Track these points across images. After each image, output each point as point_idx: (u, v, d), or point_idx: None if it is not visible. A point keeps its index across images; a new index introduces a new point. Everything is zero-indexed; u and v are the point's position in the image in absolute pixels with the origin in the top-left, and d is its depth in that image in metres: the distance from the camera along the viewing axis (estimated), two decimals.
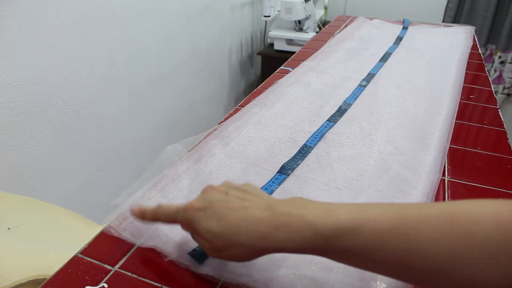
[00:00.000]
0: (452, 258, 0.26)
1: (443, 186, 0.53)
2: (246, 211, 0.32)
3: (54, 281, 0.37)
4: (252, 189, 0.35)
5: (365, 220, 0.29)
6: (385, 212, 0.29)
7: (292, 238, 0.30)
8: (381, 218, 0.29)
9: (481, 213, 0.27)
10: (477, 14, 2.11)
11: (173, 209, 0.36)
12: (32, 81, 0.94)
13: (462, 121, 0.71)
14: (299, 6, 1.88)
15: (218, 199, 0.34)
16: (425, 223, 0.28)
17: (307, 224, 0.29)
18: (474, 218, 0.27)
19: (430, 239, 0.27)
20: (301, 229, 0.29)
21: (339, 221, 0.29)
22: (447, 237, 0.27)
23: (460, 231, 0.27)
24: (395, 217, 0.28)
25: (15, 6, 0.86)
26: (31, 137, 0.97)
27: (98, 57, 1.13)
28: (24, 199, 0.69)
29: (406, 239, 0.27)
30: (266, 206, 0.32)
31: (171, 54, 1.50)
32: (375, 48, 1.07)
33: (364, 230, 0.28)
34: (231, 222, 0.32)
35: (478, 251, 0.26)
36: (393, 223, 0.28)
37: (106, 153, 1.25)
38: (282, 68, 0.93)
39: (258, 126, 0.65)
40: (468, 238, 0.26)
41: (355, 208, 0.30)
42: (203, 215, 0.33)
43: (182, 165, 0.54)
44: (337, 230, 0.29)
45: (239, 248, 0.31)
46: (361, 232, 0.28)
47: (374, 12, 2.17)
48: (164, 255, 0.40)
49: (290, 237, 0.30)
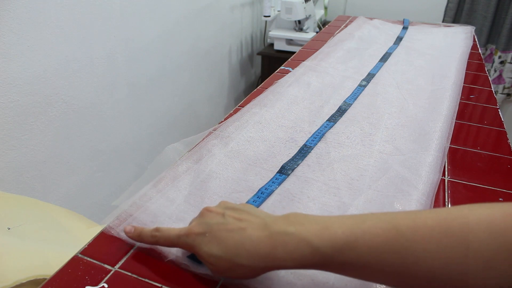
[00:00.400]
0: (448, 267, 0.27)
1: (443, 186, 0.53)
2: (244, 232, 0.33)
3: (54, 281, 0.37)
4: (248, 208, 0.36)
5: (361, 234, 0.29)
6: (379, 225, 0.30)
7: (291, 257, 0.31)
8: (376, 231, 0.29)
9: (474, 220, 0.28)
10: (477, 14, 2.11)
11: (173, 234, 0.37)
12: (32, 81, 0.94)
13: (462, 121, 0.71)
14: (299, 6, 1.88)
15: (216, 221, 0.35)
16: (419, 234, 0.28)
17: (305, 242, 0.30)
18: (468, 227, 0.27)
19: (425, 250, 0.27)
20: (299, 247, 0.30)
21: (336, 237, 0.30)
22: (442, 247, 0.27)
23: (454, 240, 0.27)
24: (390, 229, 0.29)
25: (15, 6, 0.86)
26: (31, 137, 0.97)
27: (98, 57, 1.13)
28: (24, 199, 0.69)
29: (401, 251, 0.28)
30: (263, 225, 0.33)
31: (171, 54, 1.50)
32: (375, 48, 1.07)
33: (360, 244, 0.29)
34: (230, 245, 0.33)
35: (474, 258, 0.26)
36: (388, 236, 0.29)
37: (106, 153, 1.25)
38: (282, 68, 0.93)
39: (258, 126, 0.65)
40: (463, 247, 0.27)
41: (350, 221, 0.31)
42: (203, 239, 0.34)
43: (182, 165, 0.54)
44: (334, 247, 0.29)
45: (242, 269, 0.33)
46: (356, 246, 0.29)
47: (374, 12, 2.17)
48: (163, 255, 0.40)
49: (289, 256, 0.31)
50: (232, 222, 0.34)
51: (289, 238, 0.31)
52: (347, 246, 0.29)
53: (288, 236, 0.31)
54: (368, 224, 0.30)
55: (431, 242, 0.27)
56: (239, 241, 0.32)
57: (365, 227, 0.30)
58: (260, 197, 0.48)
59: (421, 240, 0.28)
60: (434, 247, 0.27)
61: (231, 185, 0.51)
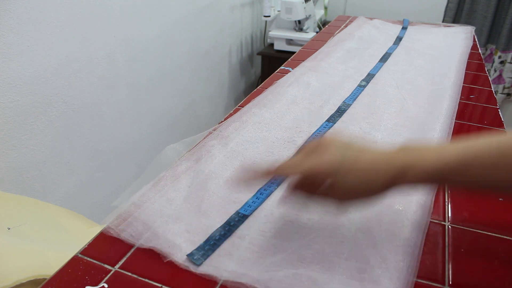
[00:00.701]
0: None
1: (443, 186, 0.53)
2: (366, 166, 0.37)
3: (54, 281, 0.37)
4: (362, 145, 0.39)
5: (472, 157, 0.34)
6: (486, 147, 0.34)
7: (413, 181, 0.36)
8: (484, 155, 0.34)
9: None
10: (477, 14, 2.11)
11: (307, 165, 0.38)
12: (32, 81, 0.94)
13: (462, 121, 0.71)
14: (299, 6, 1.88)
15: (346, 154, 0.37)
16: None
17: (423, 171, 0.35)
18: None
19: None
20: (417, 176, 0.35)
21: (450, 161, 0.34)
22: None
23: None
24: (496, 150, 0.34)
25: (15, 6, 0.86)
26: (31, 137, 0.97)
27: (98, 57, 1.13)
28: (24, 199, 0.69)
29: (508, 168, 0.33)
30: (384, 160, 0.36)
31: (170, 54, 1.50)
32: (375, 48, 1.07)
33: (472, 166, 0.34)
34: (361, 176, 0.36)
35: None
36: (497, 156, 0.33)
37: (106, 153, 1.25)
38: (282, 68, 0.93)
39: (257, 126, 0.65)
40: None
41: (461, 146, 0.35)
42: (341, 168, 0.36)
43: (181, 165, 0.54)
44: (450, 170, 0.34)
45: (367, 194, 0.37)
46: (469, 168, 0.34)
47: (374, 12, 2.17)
48: (163, 255, 0.40)
49: (407, 183, 0.36)
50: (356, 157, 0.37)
51: (408, 169, 0.35)
52: (461, 169, 0.34)
53: (407, 168, 0.35)
54: (476, 147, 0.34)
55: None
56: (366, 175, 0.36)
57: (476, 149, 0.34)
58: (259, 198, 0.48)
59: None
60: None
61: (231, 186, 0.51)
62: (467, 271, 0.40)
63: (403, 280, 0.37)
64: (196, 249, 0.40)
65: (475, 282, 0.39)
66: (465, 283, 0.38)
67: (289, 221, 0.45)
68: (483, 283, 0.39)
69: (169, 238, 0.42)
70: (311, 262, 0.39)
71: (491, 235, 0.45)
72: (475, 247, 0.43)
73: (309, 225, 0.44)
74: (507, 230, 0.46)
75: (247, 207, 0.47)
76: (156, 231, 0.42)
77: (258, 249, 0.41)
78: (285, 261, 0.39)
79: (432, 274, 0.39)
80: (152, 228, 0.43)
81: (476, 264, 0.41)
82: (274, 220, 0.45)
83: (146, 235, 0.42)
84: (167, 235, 0.42)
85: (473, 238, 0.44)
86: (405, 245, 0.41)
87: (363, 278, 0.38)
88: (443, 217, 0.48)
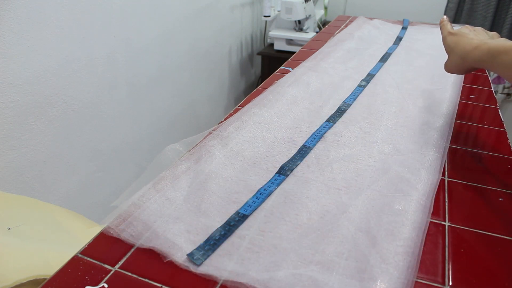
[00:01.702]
0: None
1: (443, 186, 0.53)
2: (470, 40, 0.57)
3: (54, 281, 0.37)
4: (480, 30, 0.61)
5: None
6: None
7: (476, 56, 0.55)
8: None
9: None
10: (477, 14, 2.11)
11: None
12: (32, 81, 0.94)
13: (462, 121, 0.71)
14: (299, 6, 1.88)
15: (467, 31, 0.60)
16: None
17: (486, 48, 0.53)
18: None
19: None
20: (481, 53, 0.53)
21: (501, 46, 0.50)
22: None
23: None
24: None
25: (15, 6, 0.86)
26: (31, 137, 0.97)
27: (98, 57, 1.13)
28: (24, 199, 0.69)
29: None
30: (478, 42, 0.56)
31: (170, 54, 1.50)
32: (375, 48, 1.07)
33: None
34: (461, 42, 0.59)
35: None
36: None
37: (106, 153, 1.25)
38: (282, 68, 0.93)
39: (257, 126, 0.65)
40: None
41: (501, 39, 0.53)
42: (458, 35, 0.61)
43: (181, 165, 0.54)
44: (500, 52, 0.50)
45: (455, 56, 0.60)
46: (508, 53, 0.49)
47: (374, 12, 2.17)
48: (163, 255, 0.40)
49: (478, 57, 0.54)
50: (470, 34, 0.60)
51: (482, 45, 0.54)
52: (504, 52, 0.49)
53: (482, 44, 0.54)
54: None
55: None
56: (466, 42, 0.58)
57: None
58: (259, 198, 0.48)
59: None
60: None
61: (230, 186, 0.51)
62: (467, 271, 0.40)
63: (403, 280, 0.37)
64: (196, 249, 0.40)
65: (475, 282, 0.39)
66: (465, 283, 0.39)
67: (289, 221, 0.45)
68: (483, 283, 0.39)
69: (169, 238, 0.42)
70: (311, 262, 0.39)
71: (491, 235, 0.45)
72: (475, 247, 0.43)
73: (309, 225, 0.44)
74: (507, 230, 0.46)
75: (247, 207, 0.47)
76: (156, 231, 0.42)
77: (258, 249, 0.41)
78: (285, 261, 0.39)
79: (432, 274, 0.39)
80: (152, 228, 0.43)
81: (476, 264, 0.41)
82: (274, 220, 0.45)
83: (146, 235, 0.42)
84: (167, 235, 0.42)
85: (473, 238, 0.44)
86: (405, 245, 0.41)
87: (363, 278, 0.38)
88: (443, 217, 0.48)
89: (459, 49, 0.58)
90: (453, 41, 0.60)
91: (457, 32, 0.61)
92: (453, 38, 0.61)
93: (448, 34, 0.62)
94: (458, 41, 0.59)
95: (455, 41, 0.60)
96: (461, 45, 0.58)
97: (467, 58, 0.56)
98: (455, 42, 0.60)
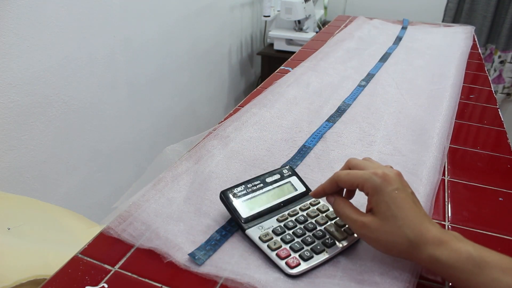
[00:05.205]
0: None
1: (443, 186, 0.53)
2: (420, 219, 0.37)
3: (54, 281, 0.37)
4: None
5: (486, 261, 0.34)
6: (503, 261, 0.35)
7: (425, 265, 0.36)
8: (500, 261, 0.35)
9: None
10: (477, 14, 2.11)
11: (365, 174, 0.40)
12: (32, 81, 0.94)
13: (462, 121, 0.71)
14: (299, 6, 1.88)
15: (405, 193, 0.38)
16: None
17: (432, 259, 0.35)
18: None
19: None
20: (432, 264, 0.35)
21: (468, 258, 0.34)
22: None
23: None
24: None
25: (15, 6, 0.86)
26: (31, 137, 0.97)
27: (98, 57, 1.13)
28: (24, 199, 0.69)
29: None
30: (412, 244, 0.36)
31: (170, 54, 1.50)
32: (375, 48, 1.07)
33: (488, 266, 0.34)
34: (408, 213, 0.36)
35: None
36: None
37: (106, 153, 1.25)
38: (282, 68, 0.93)
39: (257, 126, 0.65)
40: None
41: (475, 247, 0.35)
42: (393, 190, 0.37)
43: (181, 165, 0.54)
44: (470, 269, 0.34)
45: (394, 237, 0.36)
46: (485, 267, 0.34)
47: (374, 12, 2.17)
48: (163, 256, 0.40)
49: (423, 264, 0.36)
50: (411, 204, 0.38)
51: (431, 263, 0.35)
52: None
53: (430, 260, 0.35)
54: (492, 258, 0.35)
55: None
56: (412, 219, 0.37)
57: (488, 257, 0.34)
58: None
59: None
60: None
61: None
62: None
63: (404, 280, 0.37)
64: (198, 248, 0.40)
65: None
66: None
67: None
68: None
69: (170, 238, 0.42)
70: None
71: (491, 235, 0.45)
72: None
73: None
74: (507, 230, 0.46)
75: None
76: (157, 231, 0.42)
77: (259, 249, 0.41)
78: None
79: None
80: (153, 228, 0.43)
81: None
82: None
83: (146, 235, 0.42)
84: (167, 235, 0.42)
85: (473, 238, 0.44)
86: None
87: (363, 280, 0.38)
88: (443, 217, 0.48)
89: (405, 222, 0.36)
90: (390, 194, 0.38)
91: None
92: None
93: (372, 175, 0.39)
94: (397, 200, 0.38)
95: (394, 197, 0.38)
96: (405, 213, 0.37)
97: (421, 248, 0.35)
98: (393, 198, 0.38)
